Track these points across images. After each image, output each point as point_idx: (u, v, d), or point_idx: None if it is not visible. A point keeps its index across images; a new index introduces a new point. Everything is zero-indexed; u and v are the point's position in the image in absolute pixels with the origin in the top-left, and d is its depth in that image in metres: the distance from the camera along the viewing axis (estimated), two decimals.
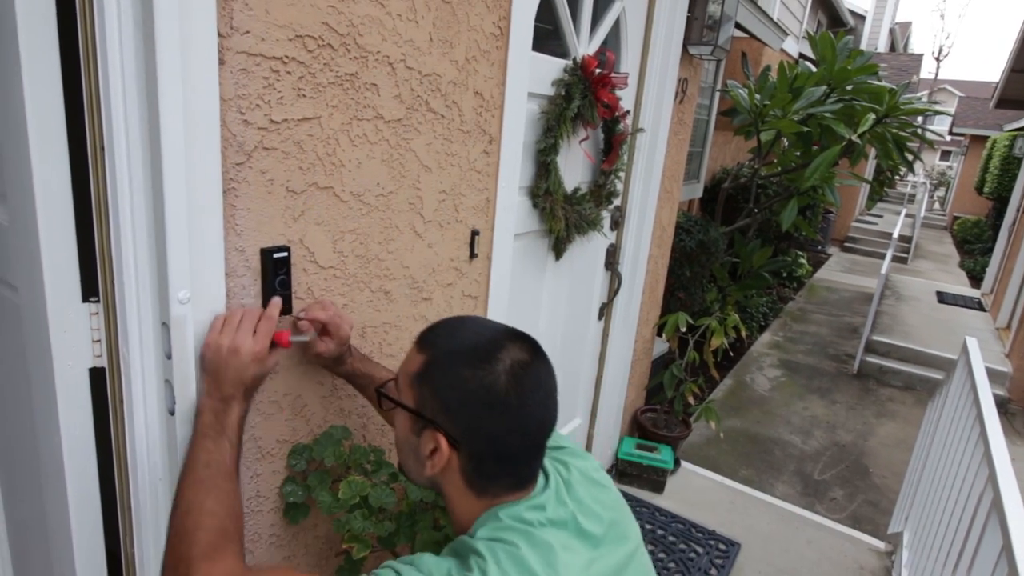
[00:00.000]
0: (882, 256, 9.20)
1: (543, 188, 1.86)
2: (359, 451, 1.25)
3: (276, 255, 1.04)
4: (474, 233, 1.55)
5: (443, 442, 0.76)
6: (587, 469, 0.90)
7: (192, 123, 0.88)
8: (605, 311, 2.54)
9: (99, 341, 0.98)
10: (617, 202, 2.36)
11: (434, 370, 0.77)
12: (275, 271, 1.05)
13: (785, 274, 6.99)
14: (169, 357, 0.94)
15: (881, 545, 2.50)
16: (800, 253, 7.33)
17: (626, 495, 2.70)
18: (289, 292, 1.09)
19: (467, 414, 0.75)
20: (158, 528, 1.02)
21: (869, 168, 9.76)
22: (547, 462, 0.88)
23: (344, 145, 1.15)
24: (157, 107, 0.84)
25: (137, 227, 0.90)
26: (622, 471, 2.75)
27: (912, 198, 12.59)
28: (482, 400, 0.74)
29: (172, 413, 0.96)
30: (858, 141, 3.70)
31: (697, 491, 2.78)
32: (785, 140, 4.07)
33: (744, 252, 4.55)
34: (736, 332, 2.75)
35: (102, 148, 0.88)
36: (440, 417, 0.76)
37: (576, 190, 2.02)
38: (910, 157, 3.81)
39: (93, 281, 0.95)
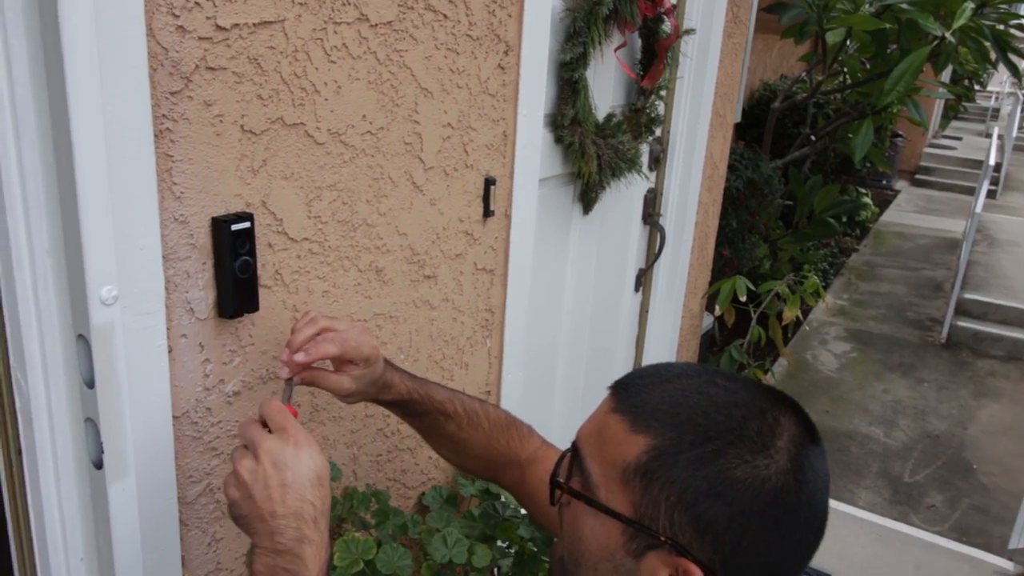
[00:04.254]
0: (964, 190, 9.30)
1: (569, 116, 1.76)
2: (356, 496, 1.16)
3: (235, 226, 0.93)
4: (488, 182, 1.44)
5: (697, 573, 0.63)
6: None
7: (107, 31, 0.75)
8: (644, 279, 2.46)
9: None
10: (659, 132, 2.27)
11: (675, 465, 0.62)
12: (234, 250, 0.93)
13: (845, 218, 7.01)
14: (91, 386, 0.82)
15: (1009, 566, 2.52)
16: (862, 191, 7.34)
17: None
18: (254, 279, 0.98)
19: (738, 532, 0.61)
20: None
21: (945, 77, 9.78)
22: None
23: (318, 61, 1.03)
24: (56, 7, 0.70)
25: (30, 195, 0.77)
26: None
27: (996, 113, 12.69)
28: (765, 511, 0.61)
29: (99, 466, 0.85)
30: (951, 39, 3.64)
31: None
32: (849, 43, 4.00)
33: (802, 192, 4.51)
34: (816, 299, 2.70)
35: None
36: (688, 536, 0.62)
37: (609, 117, 1.92)
38: (1018, 61, 3.77)
39: None
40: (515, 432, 1.06)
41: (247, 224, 0.95)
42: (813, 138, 4.44)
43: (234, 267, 0.94)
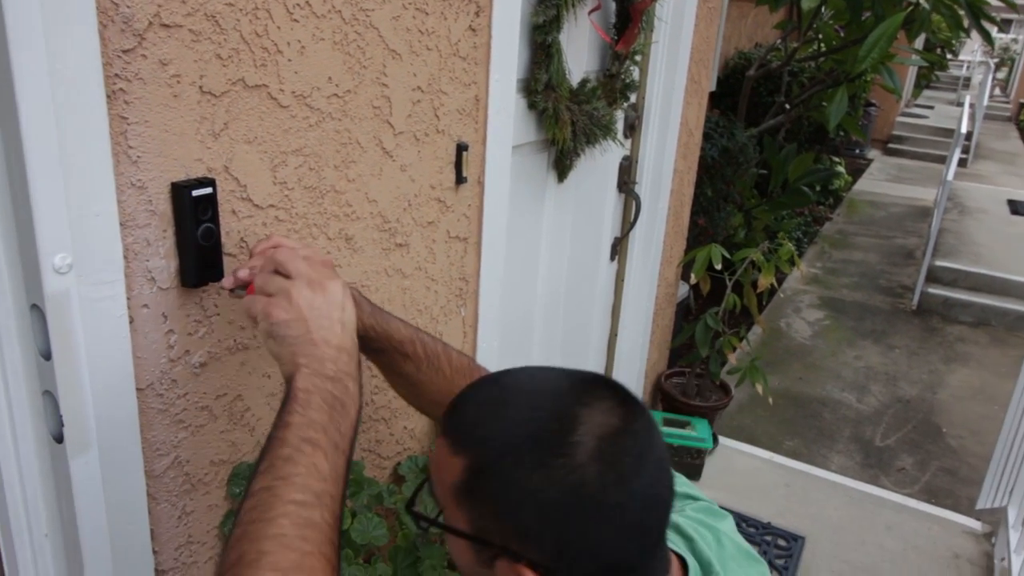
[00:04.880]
0: (935, 159, 9.38)
1: (543, 81, 1.72)
2: None
3: (196, 192, 0.89)
4: (460, 148, 1.41)
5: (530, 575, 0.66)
6: (734, 535, 0.84)
7: None
8: (619, 248, 2.45)
9: None
10: (634, 98, 2.24)
11: (485, 482, 0.66)
12: (196, 217, 0.90)
13: (819, 187, 7.05)
14: (48, 357, 0.79)
15: (977, 526, 2.57)
16: (836, 160, 7.38)
17: None
18: (218, 246, 0.95)
19: (554, 533, 0.64)
20: None
21: (918, 45, 9.83)
22: (682, 521, 0.82)
23: (280, 19, 0.99)
24: None
25: None
26: None
27: (967, 82, 12.77)
28: (570, 509, 0.63)
29: (60, 440, 0.82)
30: (925, 5, 3.64)
31: (743, 474, 2.80)
32: (823, 9, 3.99)
33: (776, 161, 4.52)
34: (791, 267, 2.72)
35: None
36: (515, 543, 0.65)
37: (584, 82, 1.89)
38: (990, 27, 3.78)
39: None
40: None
41: (209, 190, 0.92)
42: (787, 106, 4.44)
43: (196, 235, 0.91)
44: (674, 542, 0.80)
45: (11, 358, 0.81)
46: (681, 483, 0.92)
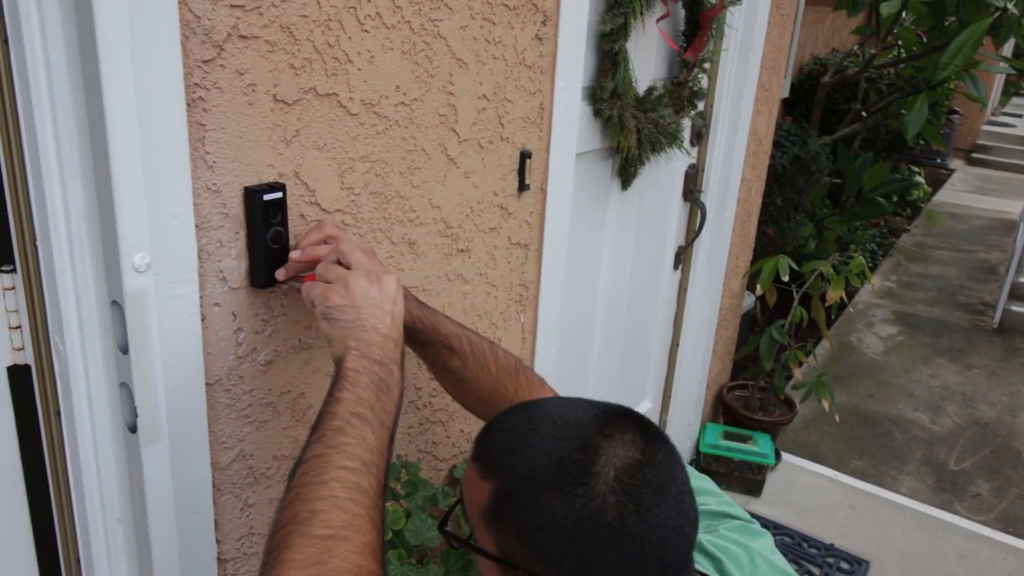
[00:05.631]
0: (1023, 170, 8.98)
1: (609, 89, 1.72)
2: None
3: (267, 196, 0.93)
4: (524, 155, 1.43)
5: None
6: (770, 554, 0.84)
7: None
8: (683, 257, 2.43)
9: (19, 328, 0.89)
10: (701, 106, 2.22)
11: (511, 506, 0.69)
12: (266, 220, 0.94)
13: (896, 198, 6.82)
14: (125, 351, 0.84)
15: None
16: (915, 169, 7.12)
17: None
18: (286, 248, 0.98)
19: (574, 560, 0.66)
20: None
21: (1006, 51, 9.42)
22: (708, 542, 0.82)
23: (351, 30, 1.02)
24: None
25: (65, 160, 0.78)
26: (706, 469, 2.69)
27: None
28: (589, 537, 0.65)
29: (133, 430, 0.87)
30: (1014, 11, 3.49)
31: (806, 492, 2.74)
32: (904, 14, 3.86)
33: (851, 170, 4.39)
34: (862, 280, 2.64)
35: (4, 40, 0.76)
36: (538, 567, 0.67)
37: (651, 90, 1.88)
38: None
39: (5, 242, 0.85)
40: (524, 380, 1.07)
41: (279, 194, 0.95)
42: (864, 114, 4.31)
43: (266, 237, 0.95)
44: (701, 563, 0.80)
45: (92, 351, 0.86)
46: (720, 502, 0.92)
